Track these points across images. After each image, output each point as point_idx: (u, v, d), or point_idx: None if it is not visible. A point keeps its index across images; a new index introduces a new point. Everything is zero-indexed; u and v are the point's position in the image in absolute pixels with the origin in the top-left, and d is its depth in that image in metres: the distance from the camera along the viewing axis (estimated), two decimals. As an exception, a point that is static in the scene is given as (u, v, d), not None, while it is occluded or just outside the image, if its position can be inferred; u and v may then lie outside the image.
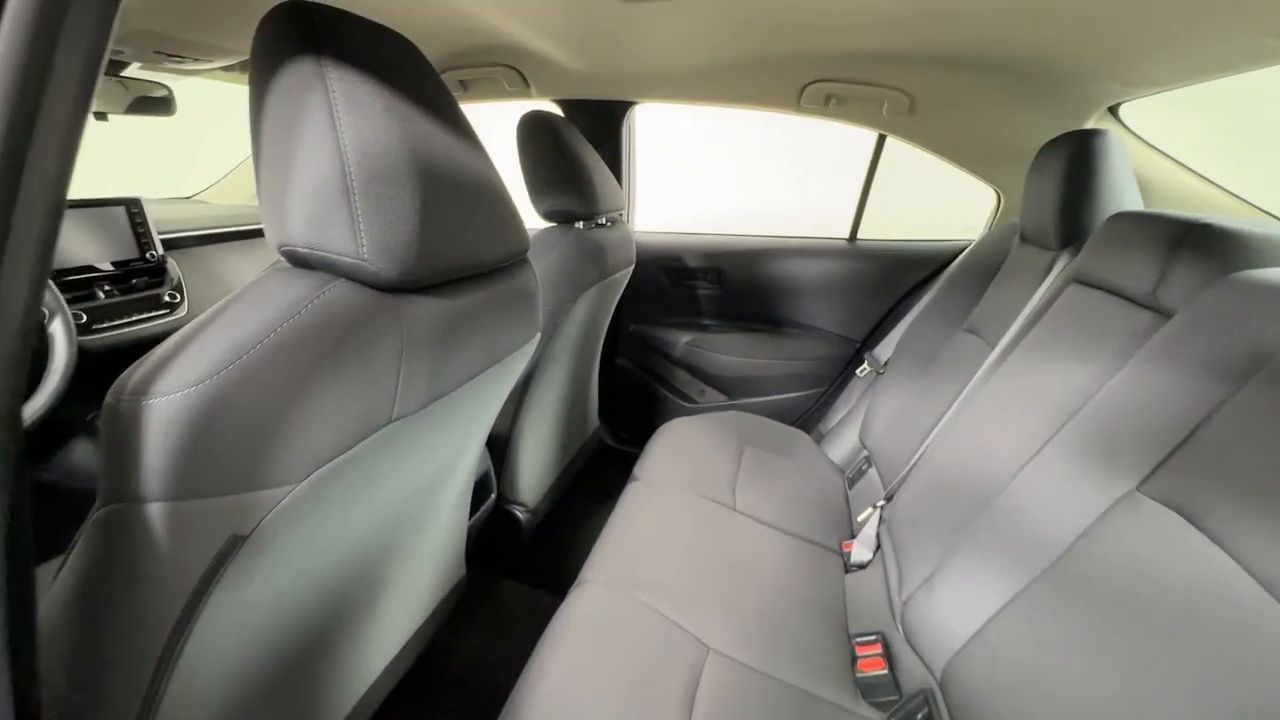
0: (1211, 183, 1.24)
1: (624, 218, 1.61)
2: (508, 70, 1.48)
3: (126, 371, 0.45)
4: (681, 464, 1.40)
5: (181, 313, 1.32)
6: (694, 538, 1.14)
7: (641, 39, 1.25)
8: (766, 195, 2.34)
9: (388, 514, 0.70)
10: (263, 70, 0.51)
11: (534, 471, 1.41)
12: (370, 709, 0.88)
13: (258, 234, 1.61)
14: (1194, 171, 1.25)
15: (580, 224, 1.33)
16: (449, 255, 0.57)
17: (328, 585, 0.65)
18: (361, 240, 0.50)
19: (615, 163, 1.68)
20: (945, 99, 1.31)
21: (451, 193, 0.57)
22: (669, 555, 1.08)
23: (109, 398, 0.43)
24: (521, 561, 1.46)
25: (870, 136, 1.57)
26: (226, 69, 1.35)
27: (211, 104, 1.91)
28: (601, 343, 1.67)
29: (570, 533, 1.60)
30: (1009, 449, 0.86)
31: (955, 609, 0.83)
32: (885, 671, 0.91)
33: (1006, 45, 1.12)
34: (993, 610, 0.77)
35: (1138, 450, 0.69)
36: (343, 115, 0.50)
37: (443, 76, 1.56)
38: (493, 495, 1.32)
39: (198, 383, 0.43)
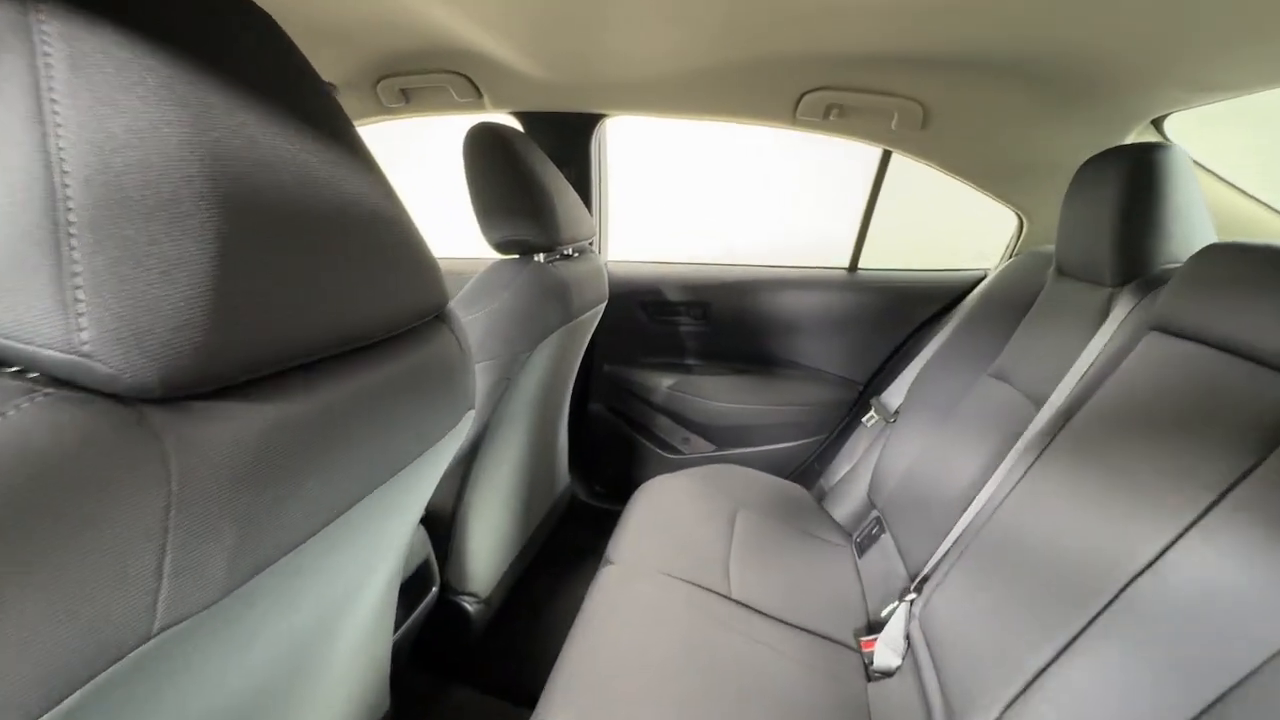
0: (1273, 209, 1.07)
1: (594, 247, 1.40)
2: (457, 78, 1.27)
3: None
4: (664, 538, 1.17)
5: None
6: (680, 645, 0.91)
7: (614, 42, 1.05)
8: (756, 220, 2.15)
9: (258, 670, 0.46)
10: None
11: (487, 553, 1.17)
12: None
13: None
14: (1252, 196, 1.08)
15: (540, 256, 1.11)
16: (281, 332, 0.35)
17: None
18: (78, 318, 0.27)
19: (583, 184, 1.48)
20: (964, 110, 1.13)
21: (297, 230, 0.35)
22: (649, 674, 0.85)
23: None
24: (473, 664, 1.20)
25: (872, 154, 1.39)
26: None
27: None
28: (570, 388, 1.45)
29: (532, 625, 1.35)
30: (1121, 542, 0.65)
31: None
32: None
33: (1040, 45, 0.94)
34: None
35: None
36: (60, 94, 0.27)
37: (380, 85, 1.35)
38: (435, 588, 1.07)
39: None
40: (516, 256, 1.10)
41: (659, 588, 1.03)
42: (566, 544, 1.61)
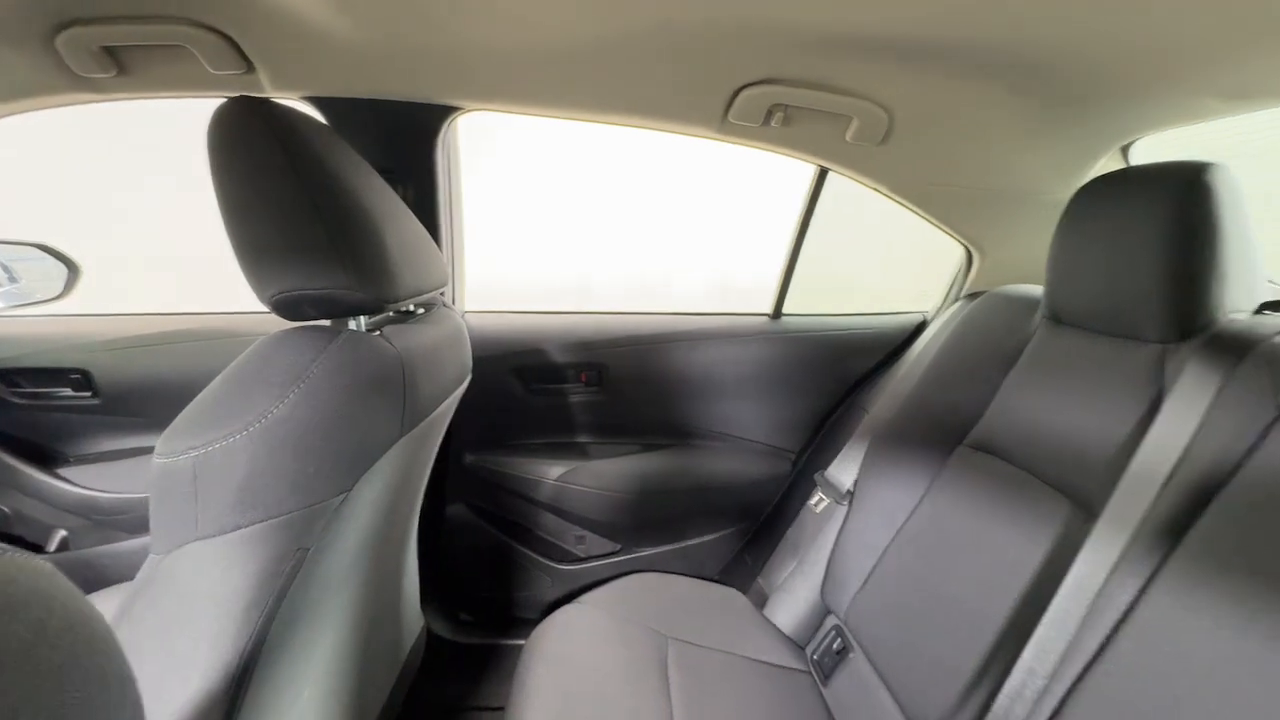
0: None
1: (446, 299, 0.97)
2: (208, 35, 0.79)
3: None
4: (582, 714, 0.80)
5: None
6: None
7: (473, 4, 0.67)
8: (655, 259, 1.83)
9: None
10: None
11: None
12: None
13: None
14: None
15: (359, 321, 0.67)
16: None
17: None
18: None
19: (428, 206, 1.04)
20: (930, 121, 0.91)
21: None
22: None
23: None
24: None
25: (796, 178, 1.14)
26: None
27: None
28: (419, 507, 0.99)
29: None
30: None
31: None
32: None
33: (1023, 44, 0.74)
34: None
35: None
36: None
37: (64, 37, 0.81)
38: None
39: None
40: (310, 324, 0.65)
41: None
42: (431, 704, 1.15)
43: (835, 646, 1.03)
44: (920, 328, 1.24)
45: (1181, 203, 0.68)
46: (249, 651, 0.55)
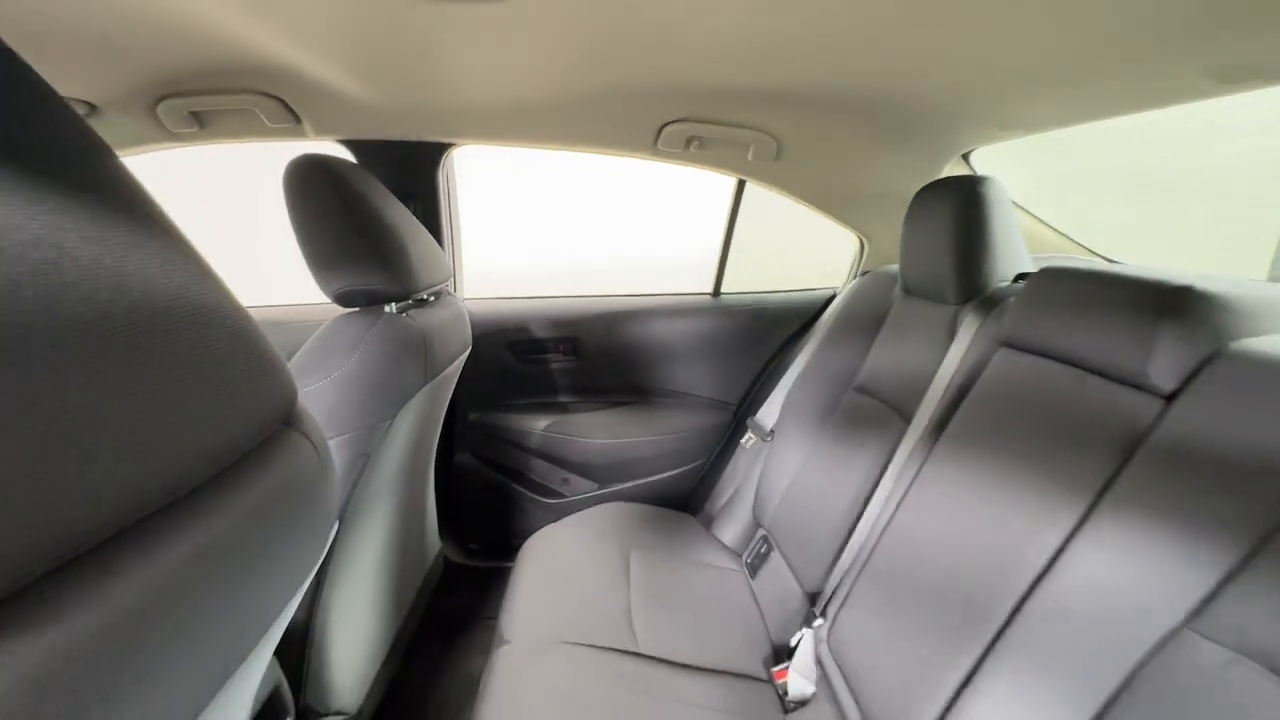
0: (1049, 226, 1.27)
1: (450, 289, 1.27)
2: (266, 100, 1.08)
3: None
4: (559, 600, 1.08)
5: None
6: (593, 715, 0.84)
7: (456, 64, 0.95)
8: (618, 249, 2.12)
9: None
10: None
11: (352, 660, 0.98)
12: None
13: None
14: (1034, 215, 1.26)
15: (391, 307, 0.97)
16: (85, 498, 0.22)
17: None
18: None
19: (432, 219, 1.33)
20: (812, 142, 1.19)
21: (119, 352, 0.23)
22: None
23: None
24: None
25: (727, 183, 1.42)
26: None
27: None
28: (435, 449, 1.29)
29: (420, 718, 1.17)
30: (1009, 555, 0.69)
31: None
32: None
33: (874, 83, 1.01)
34: None
35: (1177, 576, 0.53)
36: None
37: (162, 106, 1.10)
38: (289, 718, 0.87)
39: None
40: (361, 309, 0.95)
41: (563, 661, 0.94)
42: (445, 615, 1.44)
43: (762, 550, 1.31)
44: (830, 300, 1.53)
45: (963, 206, 0.97)
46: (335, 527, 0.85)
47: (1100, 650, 0.57)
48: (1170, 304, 0.62)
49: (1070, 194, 1.46)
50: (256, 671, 0.47)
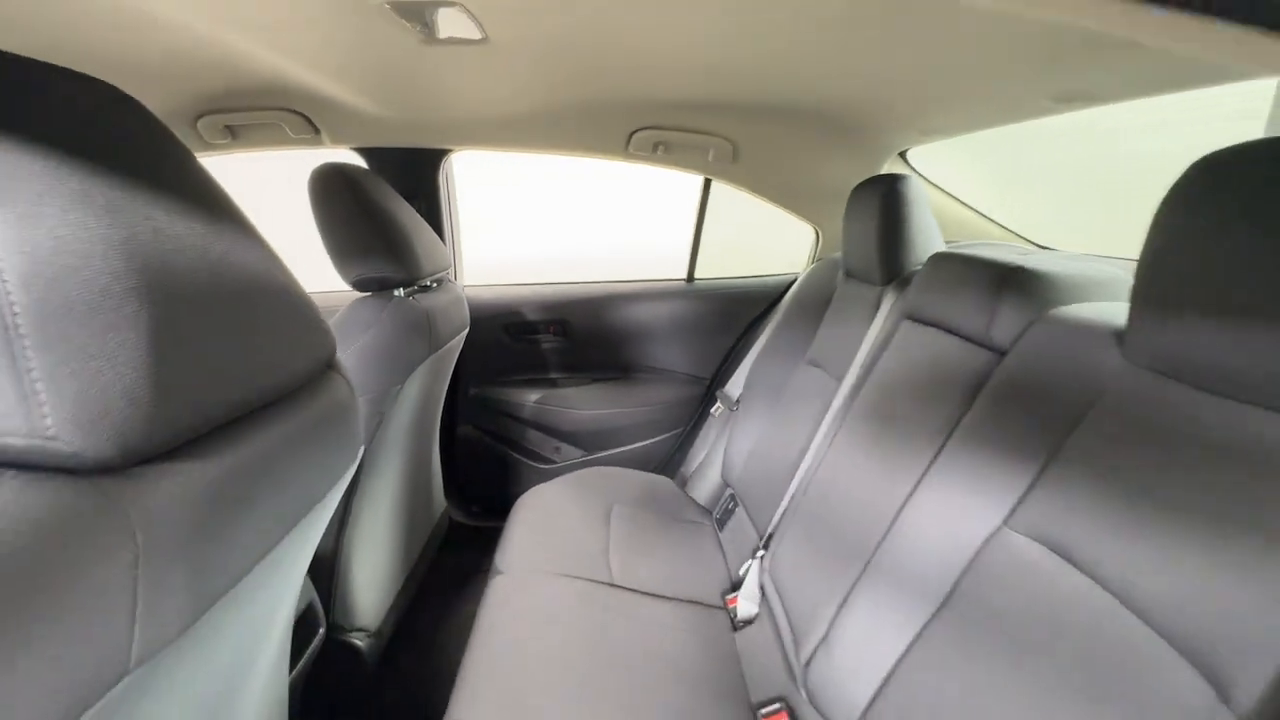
0: (982, 215, 1.43)
1: (451, 276, 1.45)
2: (291, 115, 1.26)
3: None
4: (547, 541, 1.26)
5: None
6: (574, 632, 1.02)
7: (452, 82, 1.12)
8: (601, 241, 2.29)
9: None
10: None
11: (372, 587, 1.18)
12: None
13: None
14: (969, 206, 1.42)
15: (400, 291, 1.15)
16: (212, 397, 0.40)
17: None
18: (42, 408, 0.32)
19: (434, 216, 1.51)
20: (765, 145, 1.36)
21: (210, 306, 0.40)
22: (549, 663, 0.94)
23: None
24: (370, 701, 1.20)
25: (695, 181, 1.59)
26: None
27: None
28: (439, 420, 1.48)
29: (426, 649, 1.37)
30: (883, 493, 0.87)
31: (856, 666, 0.80)
32: (796, 745, 0.86)
33: (815, 96, 1.18)
34: (891, 663, 0.75)
35: (999, 488, 0.71)
36: None
37: (201, 122, 1.28)
38: (321, 629, 1.06)
39: None
40: (374, 293, 1.13)
41: (548, 587, 1.12)
42: (450, 568, 1.63)
43: (729, 506, 1.49)
44: (791, 285, 1.69)
45: (885, 200, 1.13)
46: (355, 469, 1.04)
47: (939, 562, 0.74)
48: (1007, 279, 0.79)
49: (1010, 187, 1.62)
50: (306, 562, 0.66)
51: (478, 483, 1.81)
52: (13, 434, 0.31)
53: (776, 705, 0.93)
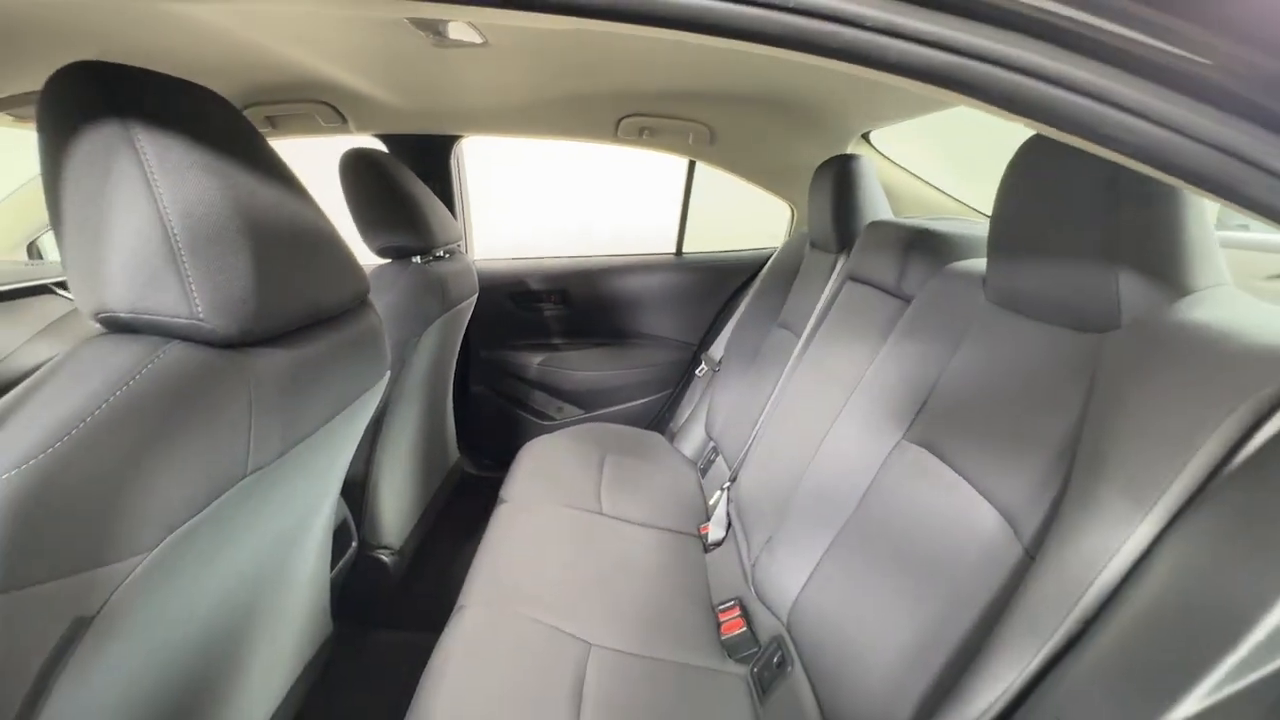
0: (941, 191, 1.57)
1: (462, 249, 1.63)
2: (322, 106, 1.44)
3: None
4: (546, 480, 1.45)
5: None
6: (567, 547, 1.20)
7: (461, 78, 1.30)
8: (599, 219, 2.47)
9: (247, 572, 0.68)
10: (58, 133, 0.50)
11: (396, 512, 1.38)
12: None
13: (20, 294, 1.39)
14: (929, 183, 1.57)
15: (417, 258, 1.33)
16: (291, 304, 0.59)
17: (184, 662, 0.62)
18: (195, 300, 0.50)
19: (447, 195, 1.70)
20: (740, 130, 1.52)
21: (284, 244, 0.59)
22: (544, 567, 1.13)
23: None
24: (393, 608, 1.41)
25: (683, 162, 1.75)
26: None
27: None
28: (453, 373, 1.67)
29: (441, 569, 1.57)
30: (816, 422, 1.04)
31: (790, 564, 0.97)
32: (744, 630, 1.04)
33: (783, 85, 1.34)
34: (816, 559, 0.92)
35: (900, 408, 0.88)
36: (158, 178, 0.50)
37: (247, 112, 1.47)
38: (354, 543, 1.27)
39: (22, 463, 0.41)
40: (394, 260, 1.32)
41: (546, 514, 1.31)
42: (462, 511, 1.83)
43: (711, 456, 1.67)
44: (770, 257, 1.85)
45: (837, 176, 1.29)
46: (381, 408, 1.23)
47: (853, 476, 0.90)
48: (915, 241, 0.95)
49: (971, 167, 1.75)
50: (346, 458, 0.85)
51: (488, 437, 2.01)
52: (178, 315, 0.50)
53: (731, 602, 1.12)
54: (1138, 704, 0.39)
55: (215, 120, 0.57)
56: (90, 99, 0.49)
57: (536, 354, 1.93)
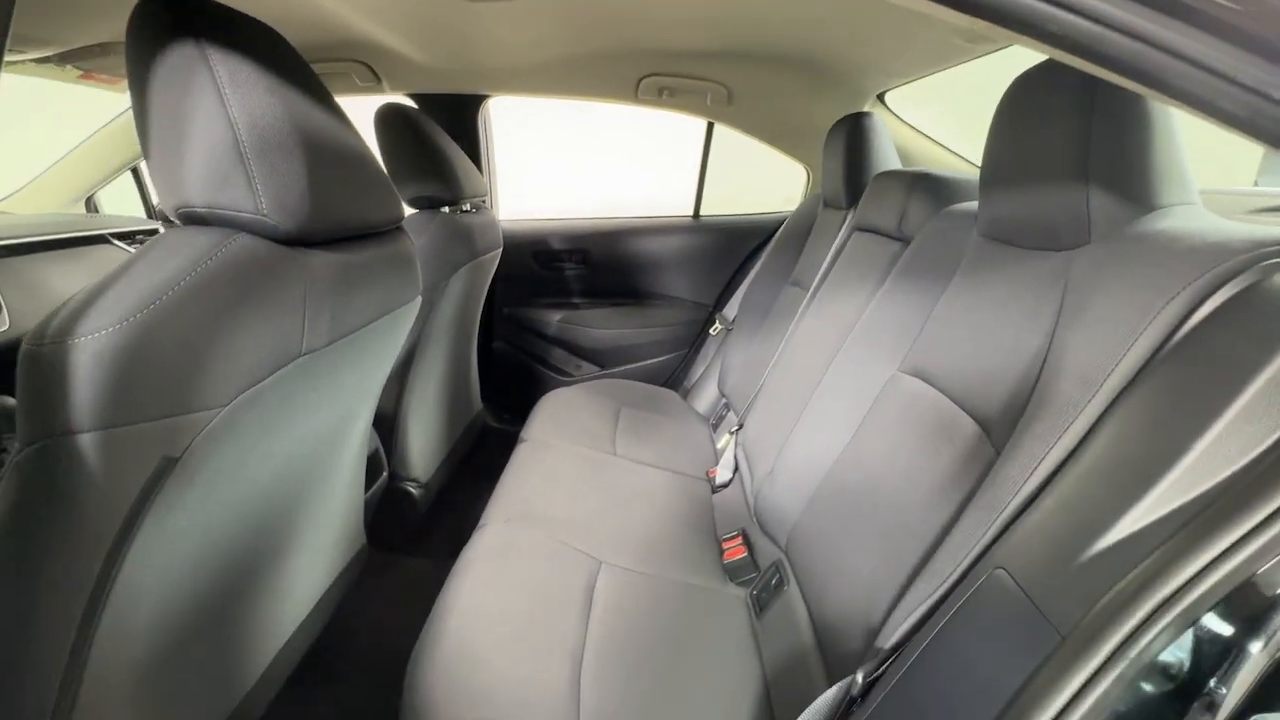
0: (953, 153, 1.60)
1: (487, 204, 1.70)
2: (358, 65, 1.52)
3: (42, 321, 0.50)
4: (564, 426, 1.53)
5: (2, 327, 1.22)
6: (582, 479, 1.28)
7: (489, 36, 1.36)
8: (620, 182, 2.53)
9: (296, 456, 0.77)
10: (144, 57, 0.57)
11: (423, 448, 1.47)
12: (283, 673, 0.93)
13: (79, 242, 1.50)
14: (938, 142, 1.60)
15: (445, 209, 1.41)
16: (338, 214, 0.67)
17: (248, 522, 0.71)
18: (260, 198, 0.58)
19: (474, 152, 1.77)
20: (757, 90, 1.56)
21: (334, 161, 0.66)
22: (561, 494, 1.21)
23: (27, 346, 0.48)
24: (419, 537, 1.51)
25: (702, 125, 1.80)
26: (39, 61, 1.27)
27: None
28: (477, 325, 1.75)
29: (465, 507, 1.67)
30: (817, 362, 1.10)
31: (790, 491, 1.04)
32: (745, 555, 1.11)
33: (800, 45, 1.38)
34: (815, 486, 0.98)
35: (895, 342, 0.93)
36: (229, 93, 0.57)
37: (287, 71, 1.56)
38: (384, 472, 1.36)
39: (121, 321, 0.49)
40: (424, 210, 1.40)
41: (564, 452, 1.39)
42: (484, 459, 1.93)
43: (722, 412, 1.73)
44: (785, 219, 1.89)
45: (849, 133, 1.33)
46: (411, 346, 1.31)
47: (852, 404, 0.96)
48: (914, 185, 1.00)
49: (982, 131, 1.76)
50: (383, 370, 0.94)
51: (509, 392, 2.10)
52: (246, 211, 0.58)
53: (734, 532, 1.19)
54: (1069, 540, 0.45)
55: (276, 51, 0.65)
56: (171, 26, 0.57)
57: (557, 312, 2.01)
